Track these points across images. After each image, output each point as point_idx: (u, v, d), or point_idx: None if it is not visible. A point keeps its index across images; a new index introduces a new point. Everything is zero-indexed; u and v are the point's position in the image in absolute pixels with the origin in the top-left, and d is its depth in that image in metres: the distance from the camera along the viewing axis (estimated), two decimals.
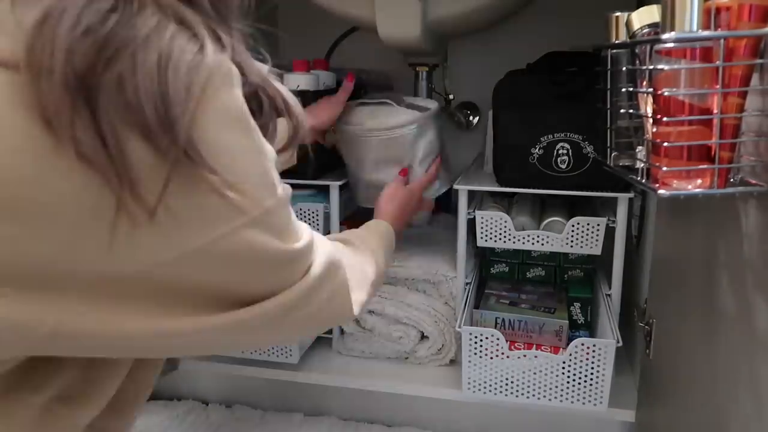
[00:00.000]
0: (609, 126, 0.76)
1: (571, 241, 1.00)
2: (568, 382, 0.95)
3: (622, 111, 0.72)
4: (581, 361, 0.93)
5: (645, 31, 0.64)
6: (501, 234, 1.03)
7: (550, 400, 0.96)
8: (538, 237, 1.02)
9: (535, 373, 0.96)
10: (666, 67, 0.57)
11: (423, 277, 1.11)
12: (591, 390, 0.94)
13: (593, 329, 1.10)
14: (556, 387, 0.95)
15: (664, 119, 0.57)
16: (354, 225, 1.32)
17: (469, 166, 1.24)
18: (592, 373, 0.94)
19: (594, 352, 0.93)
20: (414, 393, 1.10)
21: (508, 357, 0.96)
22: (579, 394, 0.95)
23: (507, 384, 0.97)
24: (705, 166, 0.57)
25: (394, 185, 0.99)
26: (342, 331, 1.17)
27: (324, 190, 1.15)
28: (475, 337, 0.96)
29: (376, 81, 1.45)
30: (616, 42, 0.73)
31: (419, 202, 1.03)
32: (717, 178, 0.57)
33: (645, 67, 0.61)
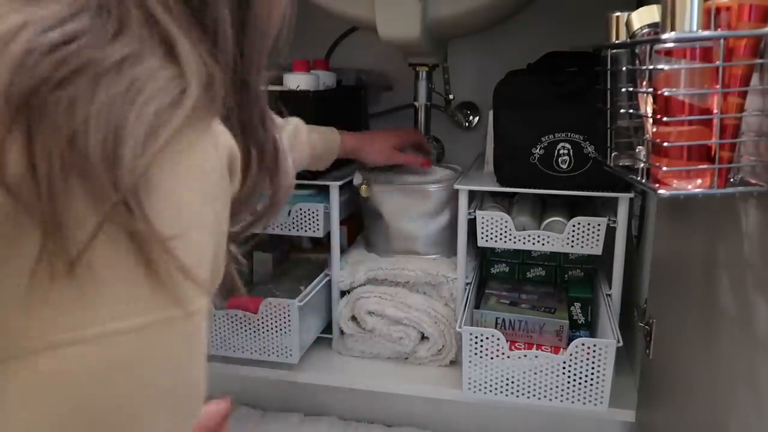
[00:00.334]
0: (609, 126, 0.76)
1: (572, 241, 1.00)
2: (569, 382, 0.95)
3: (622, 111, 0.72)
4: (581, 361, 0.93)
5: (645, 31, 0.64)
6: (501, 234, 1.03)
7: (551, 400, 0.96)
8: (539, 237, 1.02)
9: (535, 373, 0.95)
10: (666, 67, 0.57)
11: (424, 279, 1.11)
12: (591, 390, 0.94)
13: (593, 329, 1.10)
14: (557, 387, 0.95)
15: (664, 119, 0.57)
16: (354, 225, 1.33)
17: (469, 166, 1.24)
18: (592, 373, 0.93)
19: (594, 352, 0.93)
20: (414, 393, 1.10)
21: (508, 357, 0.96)
22: (579, 394, 0.95)
23: (507, 384, 0.97)
24: (705, 166, 0.57)
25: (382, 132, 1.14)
26: (342, 332, 1.17)
27: (324, 190, 1.15)
28: (476, 337, 0.96)
29: (376, 81, 1.45)
30: (616, 42, 0.73)
31: (381, 146, 1.11)
32: (717, 178, 0.57)
33: (645, 67, 0.61)
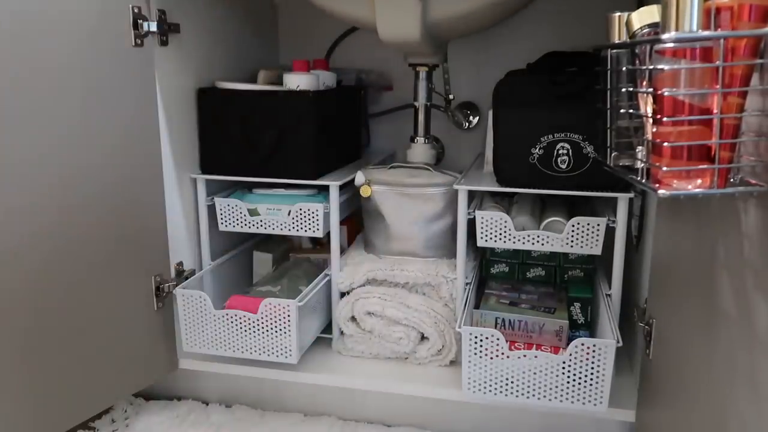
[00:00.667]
0: (609, 126, 0.76)
1: (571, 241, 1.00)
2: (568, 382, 0.95)
3: (622, 111, 0.72)
4: (581, 361, 0.93)
5: (645, 31, 0.64)
6: (501, 234, 1.03)
7: (550, 400, 0.96)
8: (538, 237, 1.02)
9: (535, 373, 0.95)
10: (666, 67, 0.57)
11: (423, 280, 1.11)
12: (591, 390, 0.94)
13: (593, 329, 1.10)
14: (556, 387, 0.95)
15: (664, 119, 0.57)
16: (354, 225, 1.33)
17: (469, 166, 1.24)
18: (592, 373, 0.94)
19: (594, 352, 0.93)
20: (414, 393, 1.10)
21: (508, 357, 0.96)
22: (579, 394, 0.95)
23: (507, 384, 0.97)
24: (705, 166, 0.57)
25: None
26: (342, 332, 1.17)
27: (324, 190, 1.15)
28: (475, 337, 0.96)
29: (376, 81, 1.45)
30: (616, 42, 0.73)
31: None
32: (717, 178, 0.57)
33: (645, 67, 0.61)
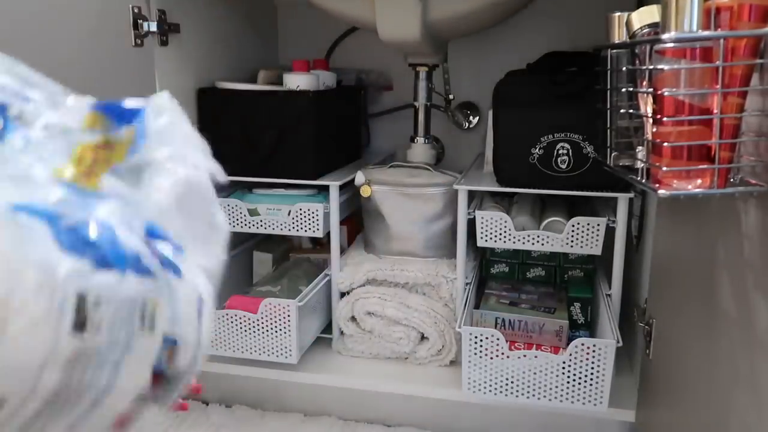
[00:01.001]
0: (609, 126, 0.76)
1: (571, 241, 1.00)
2: (568, 382, 0.95)
3: (622, 111, 0.72)
4: (581, 361, 0.93)
5: (645, 31, 0.64)
6: (501, 234, 1.03)
7: (550, 400, 0.96)
8: (538, 237, 1.02)
9: (535, 373, 0.95)
10: (666, 67, 0.57)
11: (423, 280, 1.11)
12: (591, 390, 0.94)
13: (593, 329, 1.10)
14: (556, 387, 0.95)
15: (664, 119, 0.57)
16: (354, 225, 1.33)
17: (469, 166, 1.24)
18: (592, 373, 0.93)
19: (594, 352, 0.93)
20: (414, 393, 1.10)
21: (508, 357, 0.96)
22: (579, 394, 0.95)
23: (507, 384, 0.97)
24: (705, 166, 0.57)
25: None
26: (342, 332, 1.17)
27: (324, 190, 1.15)
28: (475, 337, 0.96)
29: (376, 81, 1.45)
30: (616, 42, 0.73)
31: None
32: (717, 178, 0.57)
33: (645, 67, 0.61)
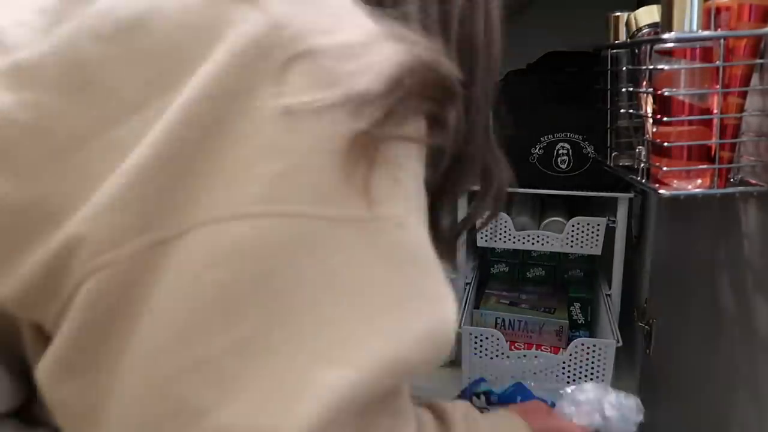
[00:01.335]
0: (609, 126, 0.76)
1: (571, 241, 1.00)
2: (568, 383, 0.95)
3: (622, 111, 0.72)
4: (581, 361, 0.93)
5: (645, 31, 0.64)
6: (501, 234, 1.03)
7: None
8: (538, 237, 1.01)
9: (535, 374, 0.95)
10: (666, 67, 0.57)
11: None
12: None
13: (593, 329, 1.10)
14: (556, 387, 0.95)
15: (664, 119, 0.57)
16: None
17: None
18: (592, 373, 0.93)
19: (594, 352, 0.93)
20: (414, 393, 1.10)
21: (508, 357, 0.96)
22: None
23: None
24: (705, 166, 0.57)
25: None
26: None
27: None
28: (476, 337, 0.96)
29: None
30: (616, 42, 0.73)
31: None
32: (717, 178, 0.57)
33: (645, 67, 0.61)
